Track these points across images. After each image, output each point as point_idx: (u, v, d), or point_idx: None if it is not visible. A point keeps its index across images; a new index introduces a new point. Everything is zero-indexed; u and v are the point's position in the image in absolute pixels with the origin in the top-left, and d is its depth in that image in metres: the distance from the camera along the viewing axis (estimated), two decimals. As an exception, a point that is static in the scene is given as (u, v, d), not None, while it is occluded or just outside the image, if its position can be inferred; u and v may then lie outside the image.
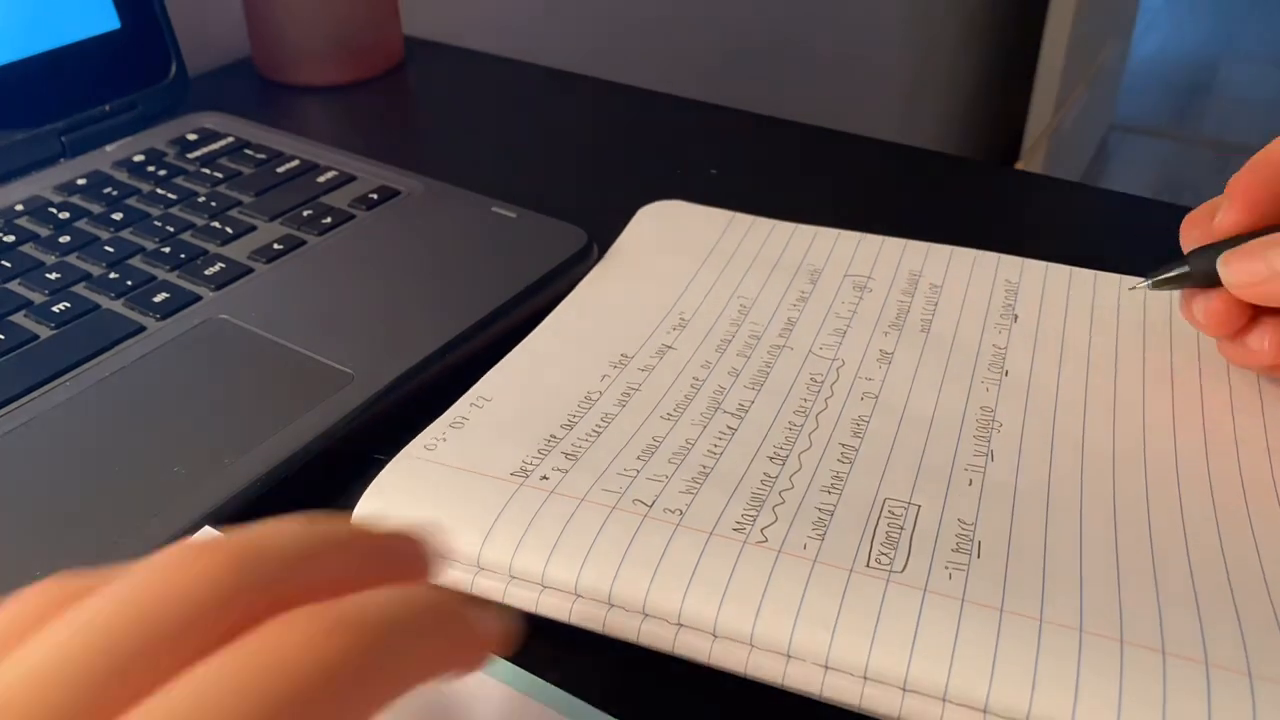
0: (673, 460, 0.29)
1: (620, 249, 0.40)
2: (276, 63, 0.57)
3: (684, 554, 0.26)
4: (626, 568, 0.26)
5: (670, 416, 0.31)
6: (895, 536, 0.27)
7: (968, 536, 0.27)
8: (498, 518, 0.27)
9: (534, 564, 0.26)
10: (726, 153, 0.50)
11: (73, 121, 0.46)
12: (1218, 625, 0.24)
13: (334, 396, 0.32)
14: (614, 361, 0.34)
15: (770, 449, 0.30)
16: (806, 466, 0.29)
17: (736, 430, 0.31)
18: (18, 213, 0.41)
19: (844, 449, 0.30)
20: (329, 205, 0.42)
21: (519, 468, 0.29)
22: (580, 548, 0.26)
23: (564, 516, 0.27)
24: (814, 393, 0.32)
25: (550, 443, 0.30)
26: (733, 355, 0.34)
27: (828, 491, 0.28)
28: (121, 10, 0.47)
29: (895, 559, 0.26)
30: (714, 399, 0.32)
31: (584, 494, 0.28)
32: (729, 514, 0.27)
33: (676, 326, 0.36)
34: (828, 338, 0.35)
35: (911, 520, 0.27)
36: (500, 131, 0.53)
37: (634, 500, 0.28)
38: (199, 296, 0.37)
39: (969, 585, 0.25)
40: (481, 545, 0.27)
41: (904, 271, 0.38)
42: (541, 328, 0.36)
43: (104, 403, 0.32)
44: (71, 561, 0.27)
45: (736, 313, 0.36)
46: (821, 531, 0.27)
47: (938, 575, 0.25)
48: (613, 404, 0.32)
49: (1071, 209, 0.46)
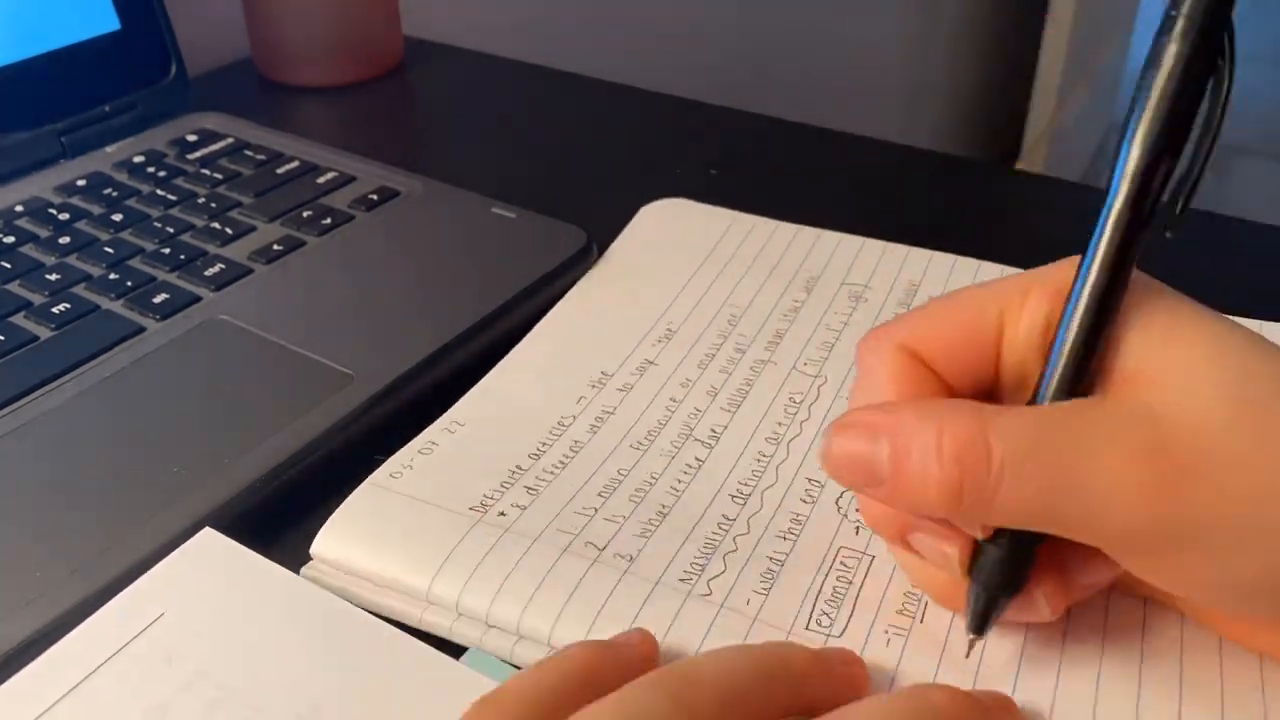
0: (634, 498, 0.29)
1: (619, 249, 0.40)
2: (276, 63, 0.57)
3: (626, 603, 0.26)
4: (568, 614, 0.26)
5: (639, 446, 0.31)
6: (841, 593, 0.26)
7: (915, 596, 0.26)
8: (449, 555, 0.27)
9: (479, 604, 0.26)
10: (726, 153, 0.50)
11: (73, 122, 0.46)
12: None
13: (334, 397, 0.32)
14: (593, 381, 0.33)
15: (734, 485, 0.30)
16: (767, 507, 0.29)
17: (704, 462, 0.30)
18: (18, 213, 0.41)
19: (809, 485, 0.30)
20: (329, 206, 0.42)
21: (478, 502, 0.29)
22: (525, 591, 0.26)
23: (514, 558, 0.27)
24: (790, 415, 0.32)
25: (515, 475, 0.30)
26: (714, 372, 0.34)
27: (783, 538, 0.28)
28: (121, 11, 0.47)
29: (836, 621, 0.26)
30: (687, 424, 0.32)
31: (538, 533, 0.28)
32: (679, 561, 0.27)
33: (662, 339, 0.35)
34: (814, 352, 0.34)
35: (862, 574, 0.27)
36: (500, 131, 0.53)
37: (586, 543, 0.28)
38: (199, 297, 0.37)
39: (904, 655, 0.25)
40: (432, 581, 0.27)
41: (903, 281, 0.38)
42: (529, 338, 0.35)
43: (104, 403, 0.32)
44: (71, 561, 0.27)
45: (725, 324, 0.36)
46: (768, 585, 0.27)
47: (875, 642, 0.25)
48: (584, 430, 0.32)
49: (1071, 209, 0.46)
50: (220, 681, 0.24)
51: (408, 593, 0.27)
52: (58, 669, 0.24)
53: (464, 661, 0.25)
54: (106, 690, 0.24)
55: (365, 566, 0.27)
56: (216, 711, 0.23)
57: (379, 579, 0.27)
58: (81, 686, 0.24)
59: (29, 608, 0.26)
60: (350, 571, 0.27)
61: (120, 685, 0.24)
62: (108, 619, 0.25)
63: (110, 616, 0.25)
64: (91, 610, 0.25)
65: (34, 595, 0.26)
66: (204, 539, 0.27)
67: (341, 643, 0.25)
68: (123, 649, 0.24)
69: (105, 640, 0.25)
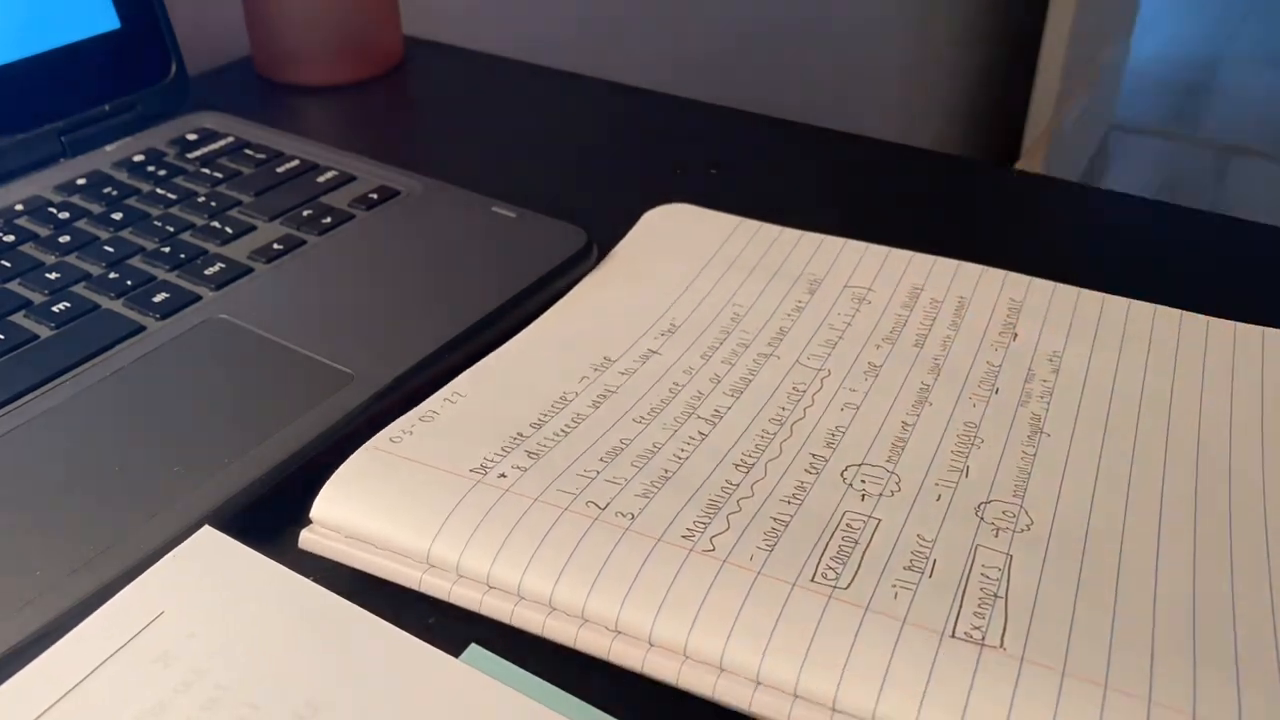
0: (635, 463, 0.29)
1: (622, 252, 0.40)
2: (276, 63, 0.57)
3: (627, 560, 0.26)
4: (568, 573, 0.26)
5: (642, 420, 0.31)
6: (847, 551, 0.26)
7: (923, 554, 0.26)
8: (449, 516, 0.27)
9: (479, 565, 0.26)
10: (726, 153, 0.50)
11: (73, 121, 0.46)
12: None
13: (334, 396, 0.32)
14: (595, 364, 0.34)
15: (738, 456, 0.30)
16: (771, 475, 0.29)
17: (708, 436, 0.30)
18: (18, 213, 0.41)
19: (814, 459, 0.30)
20: (329, 205, 0.42)
21: (479, 464, 0.29)
22: (525, 550, 0.26)
23: (514, 517, 0.27)
24: (794, 402, 0.32)
25: (516, 441, 0.30)
26: (717, 362, 0.34)
27: (787, 502, 0.28)
28: (121, 10, 0.47)
29: (842, 575, 0.25)
30: (690, 404, 0.32)
31: (538, 494, 0.28)
32: (681, 520, 0.27)
33: (665, 332, 0.35)
34: (817, 348, 0.34)
35: (868, 535, 0.27)
36: (500, 131, 0.53)
37: (587, 502, 0.27)
38: (199, 296, 0.37)
39: (913, 605, 0.25)
40: (431, 543, 0.27)
41: (906, 285, 0.38)
42: (529, 329, 0.35)
43: (104, 403, 0.32)
44: (71, 562, 0.27)
45: (729, 321, 0.36)
46: (772, 543, 0.26)
47: (883, 593, 0.25)
48: (586, 405, 0.32)
49: (1071, 209, 0.46)
50: (220, 680, 0.24)
51: (407, 554, 0.27)
52: (57, 669, 0.24)
53: (464, 660, 0.25)
54: (106, 690, 0.24)
55: (365, 528, 0.27)
56: (216, 710, 0.23)
57: (378, 540, 0.27)
58: (81, 686, 0.24)
59: (29, 608, 0.26)
60: (350, 534, 0.27)
61: (120, 684, 0.24)
62: (107, 618, 0.25)
63: (110, 616, 0.25)
64: (91, 610, 0.25)
65: (34, 595, 0.26)
66: (203, 538, 0.27)
67: (341, 642, 0.25)
68: (122, 648, 0.24)
69: (105, 640, 0.25)
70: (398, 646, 0.25)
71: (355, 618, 0.26)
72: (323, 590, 0.26)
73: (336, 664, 0.24)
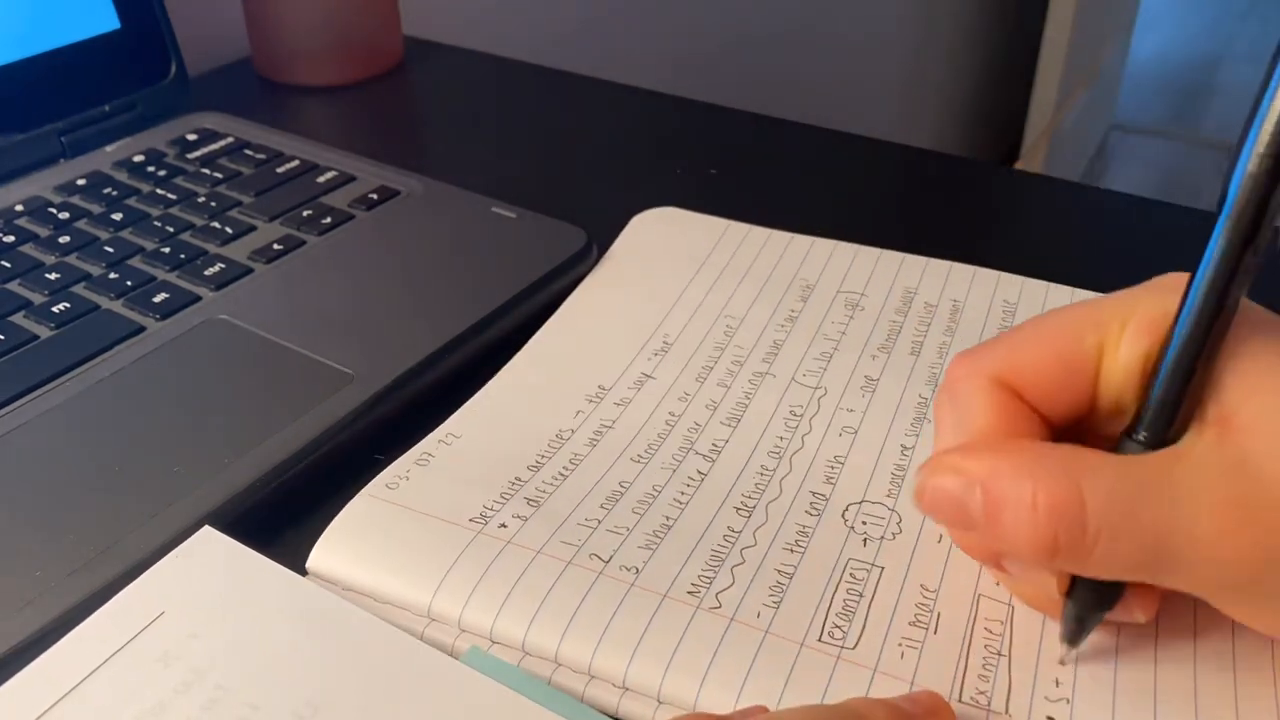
0: (637, 510, 0.29)
1: (612, 259, 0.40)
2: (276, 63, 0.57)
3: (633, 618, 0.26)
4: (574, 629, 0.25)
5: (640, 459, 0.31)
6: (852, 607, 0.26)
7: (928, 607, 0.26)
8: (450, 568, 0.27)
9: (483, 620, 0.26)
10: (726, 153, 0.50)
11: (72, 122, 0.46)
12: None
13: (334, 396, 0.32)
14: (590, 395, 0.33)
15: (738, 498, 0.29)
16: (773, 519, 0.29)
17: (707, 475, 0.30)
18: (18, 213, 0.41)
19: (814, 498, 0.29)
20: (329, 205, 0.42)
21: (478, 513, 0.28)
22: (529, 608, 0.26)
23: (517, 571, 0.27)
24: (791, 429, 0.32)
25: (514, 486, 0.29)
26: (712, 385, 0.33)
27: (790, 550, 0.28)
28: (121, 10, 0.47)
29: (849, 634, 0.25)
30: (687, 438, 0.31)
31: (541, 545, 0.27)
32: (685, 574, 0.27)
33: (659, 352, 0.35)
34: (813, 363, 0.34)
35: (873, 585, 0.27)
36: (500, 131, 0.53)
37: (591, 555, 0.27)
38: (199, 297, 0.37)
39: (919, 666, 0.25)
40: (433, 597, 0.26)
41: (899, 289, 0.37)
42: (522, 353, 0.35)
43: (104, 403, 0.32)
44: (71, 562, 0.27)
45: (722, 335, 0.36)
46: (778, 598, 0.26)
47: (889, 654, 0.25)
48: (583, 443, 0.31)
49: (1071, 209, 0.46)
50: (220, 681, 0.24)
51: (408, 609, 0.26)
52: (57, 669, 0.24)
53: (464, 661, 0.25)
54: (106, 690, 0.24)
55: (363, 582, 0.27)
56: (216, 711, 0.23)
57: (378, 595, 0.27)
58: (81, 686, 0.24)
59: (29, 608, 0.26)
60: (349, 586, 0.27)
61: (120, 685, 0.24)
62: (107, 619, 0.25)
63: (110, 616, 0.25)
64: (91, 610, 0.25)
65: (34, 595, 0.26)
66: (204, 538, 0.27)
67: (341, 642, 0.25)
68: (122, 648, 0.24)
69: (105, 640, 0.25)
70: (398, 647, 0.25)
71: (355, 618, 0.26)
72: (323, 590, 0.26)
73: (336, 664, 0.24)
